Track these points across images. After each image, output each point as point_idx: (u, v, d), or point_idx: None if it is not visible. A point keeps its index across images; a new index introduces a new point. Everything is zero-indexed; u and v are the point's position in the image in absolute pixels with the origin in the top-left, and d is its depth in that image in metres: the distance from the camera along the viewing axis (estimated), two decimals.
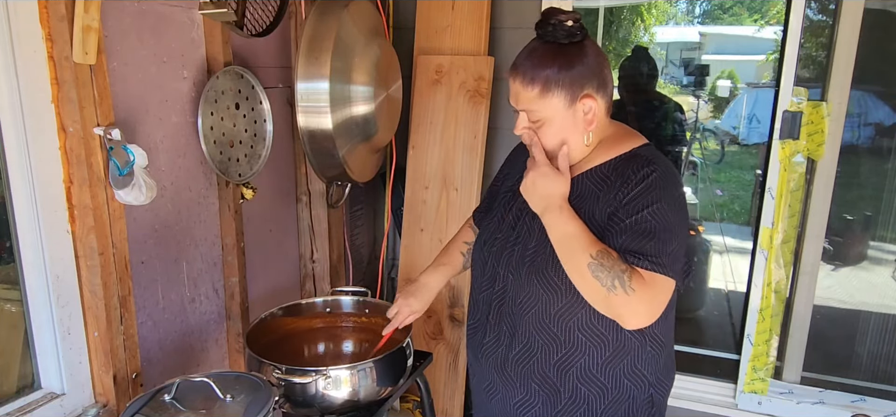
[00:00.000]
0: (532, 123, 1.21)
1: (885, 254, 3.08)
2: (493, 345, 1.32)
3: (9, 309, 1.50)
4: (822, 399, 2.44)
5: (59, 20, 1.34)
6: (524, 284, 1.24)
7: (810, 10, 2.48)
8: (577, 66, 1.15)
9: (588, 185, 1.22)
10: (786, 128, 2.24)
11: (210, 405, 1.23)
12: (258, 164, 1.98)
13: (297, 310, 1.82)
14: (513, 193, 1.36)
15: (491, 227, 1.38)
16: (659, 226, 1.12)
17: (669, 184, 1.16)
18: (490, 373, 1.34)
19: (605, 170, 1.22)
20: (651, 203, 1.13)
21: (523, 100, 1.19)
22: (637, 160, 1.19)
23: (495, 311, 1.31)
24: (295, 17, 2.17)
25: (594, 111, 1.18)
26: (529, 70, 1.16)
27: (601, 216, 1.18)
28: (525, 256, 1.24)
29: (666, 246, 1.12)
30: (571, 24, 1.15)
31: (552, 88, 1.15)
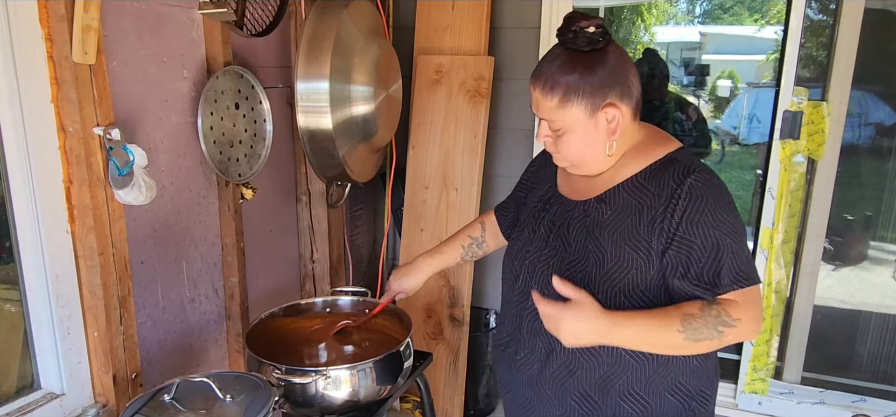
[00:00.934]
0: (553, 132, 1.17)
1: (886, 254, 3.08)
2: (528, 361, 1.27)
3: (8, 309, 1.49)
4: (822, 399, 2.44)
5: (59, 20, 1.34)
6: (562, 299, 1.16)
7: (811, 9, 2.48)
8: (599, 74, 1.10)
9: (626, 198, 1.17)
10: (786, 128, 2.24)
11: (210, 405, 1.22)
12: (258, 164, 1.98)
13: (297, 310, 1.82)
14: (543, 204, 1.32)
15: (522, 239, 1.33)
16: (725, 238, 1.09)
17: (715, 186, 1.12)
18: (526, 389, 1.29)
19: (642, 179, 1.17)
20: (707, 215, 1.09)
21: (544, 109, 1.16)
22: (675, 167, 1.14)
23: (529, 326, 1.26)
24: (295, 17, 2.17)
25: (618, 120, 1.14)
26: (549, 78, 1.13)
27: (646, 230, 1.13)
28: (562, 271, 1.19)
29: (740, 255, 1.09)
30: (593, 31, 1.10)
31: (572, 97, 1.11)
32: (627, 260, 1.14)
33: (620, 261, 1.14)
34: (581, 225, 1.21)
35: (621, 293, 1.14)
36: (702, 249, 1.09)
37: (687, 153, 1.20)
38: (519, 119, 2.61)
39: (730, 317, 1.08)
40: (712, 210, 1.09)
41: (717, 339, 1.09)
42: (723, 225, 1.09)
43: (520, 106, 2.60)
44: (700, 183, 1.11)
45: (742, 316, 1.08)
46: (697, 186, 1.10)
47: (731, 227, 1.10)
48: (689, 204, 1.09)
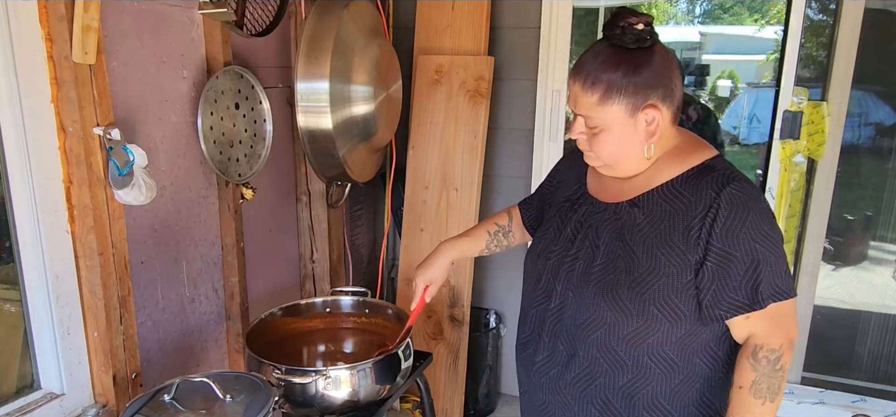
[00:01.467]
0: (589, 129, 1.13)
1: (886, 254, 3.08)
2: (547, 364, 1.24)
3: (8, 309, 1.49)
4: (822, 399, 2.44)
5: (59, 20, 1.34)
6: (588, 303, 1.15)
7: (811, 9, 2.48)
8: (643, 74, 1.07)
9: (661, 204, 1.13)
10: (786, 128, 2.24)
11: (210, 405, 1.22)
12: (258, 164, 1.98)
13: (296, 310, 1.81)
14: (570, 204, 1.29)
15: (546, 238, 1.29)
16: (765, 251, 1.06)
17: (754, 197, 1.08)
18: (543, 393, 1.26)
19: (678, 185, 1.13)
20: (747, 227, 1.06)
21: (582, 105, 1.11)
22: (713, 175, 1.10)
23: (551, 328, 1.23)
24: (295, 17, 2.17)
25: (658, 122, 1.10)
26: (591, 73, 1.08)
27: (681, 238, 1.09)
28: (590, 274, 1.16)
29: (779, 268, 1.07)
30: (642, 28, 1.06)
31: (613, 95, 1.08)
32: (660, 267, 1.10)
33: (653, 269, 1.11)
34: (611, 228, 1.17)
35: (651, 301, 1.11)
36: (741, 262, 1.06)
37: (724, 161, 1.16)
38: (519, 119, 2.61)
39: (773, 350, 1.08)
40: (753, 221, 1.06)
41: (782, 373, 1.09)
42: (762, 238, 1.06)
43: (520, 106, 2.60)
44: (739, 192, 1.07)
45: (782, 340, 1.08)
46: (737, 196, 1.06)
47: (770, 239, 1.06)
48: (729, 214, 1.06)
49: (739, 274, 1.06)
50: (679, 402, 1.16)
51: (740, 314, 1.07)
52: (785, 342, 1.08)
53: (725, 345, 1.15)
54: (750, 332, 1.10)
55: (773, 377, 1.08)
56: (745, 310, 1.07)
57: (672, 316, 1.10)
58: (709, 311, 1.09)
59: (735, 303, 1.07)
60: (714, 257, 1.07)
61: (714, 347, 1.14)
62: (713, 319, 1.10)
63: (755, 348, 1.08)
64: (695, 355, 1.13)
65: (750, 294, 1.06)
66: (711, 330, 1.12)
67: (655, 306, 1.10)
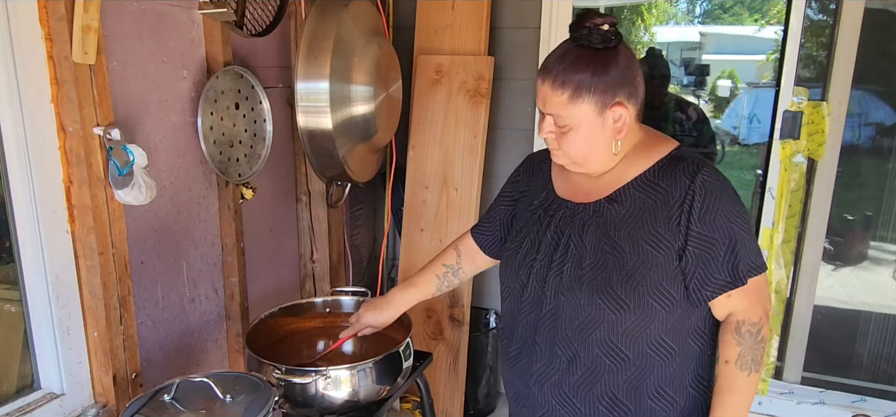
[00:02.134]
0: (558, 128, 1.16)
1: (886, 254, 3.08)
2: (546, 371, 1.24)
3: (8, 309, 1.49)
4: (822, 399, 2.43)
5: (59, 20, 1.34)
6: (584, 304, 1.17)
7: (811, 9, 2.48)
8: (610, 73, 1.10)
9: (638, 196, 1.17)
10: (786, 128, 2.23)
11: (210, 405, 1.22)
12: (258, 164, 1.98)
13: (296, 310, 1.81)
14: (544, 211, 1.30)
15: (524, 248, 1.29)
16: (739, 230, 1.12)
17: (723, 181, 1.15)
18: (547, 401, 1.26)
19: (652, 176, 1.17)
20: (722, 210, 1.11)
21: (551, 105, 1.14)
22: (683, 164, 1.15)
23: (545, 335, 1.23)
24: (295, 17, 2.17)
25: (624, 119, 1.14)
26: (560, 74, 1.11)
27: (664, 227, 1.13)
28: (581, 275, 1.18)
29: (751, 245, 1.13)
30: (607, 29, 1.10)
31: (583, 95, 1.10)
32: (649, 258, 1.14)
33: (643, 260, 1.14)
34: (594, 226, 1.19)
35: (646, 292, 1.14)
36: (720, 243, 1.11)
37: (689, 150, 1.21)
38: (519, 119, 2.61)
39: (754, 323, 1.14)
40: (726, 204, 1.12)
41: (763, 344, 1.15)
42: (737, 219, 1.12)
43: (520, 106, 2.60)
44: (711, 178, 1.13)
45: (760, 312, 1.15)
46: (709, 182, 1.12)
47: (743, 219, 1.13)
48: (704, 199, 1.11)
49: (720, 255, 1.11)
50: (680, 386, 1.20)
51: (724, 292, 1.13)
52: (763, 314, 1.16)
53: (711, 323, 1.21)
54: (730, 309, 1.16)
55: (755, 348, 1.14)
56: (728, 288, 1.13)
57: (667, 303, 1.15)
58: (696, 293, 1.14)
59: (719, 283, 1.13)
60: (695, 241, 1.12)
61: (701, 326, 1.20)
62: (701, 301, 1.15)
63: (738, 323, 1.15)
64: (689, 337, 1.19)
65: (731, 272, 1.12)
66: (700, 313, 1.18)
67: (650, 296, 1.14)
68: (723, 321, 1.18)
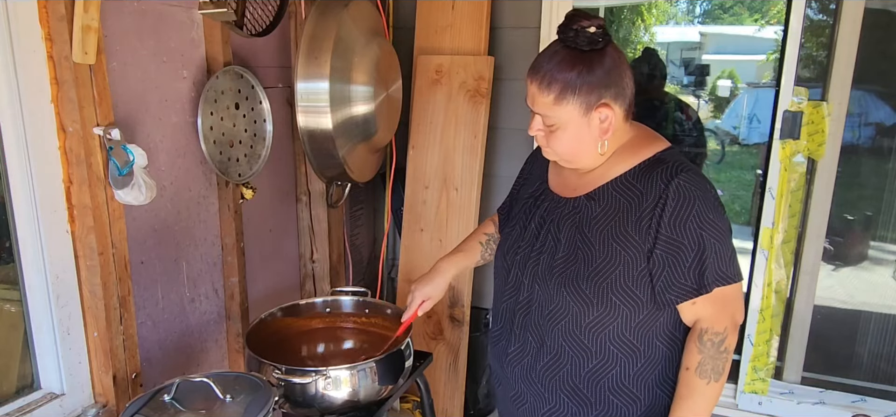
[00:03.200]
0: (546, 127, 1.19)
1: (886, 254, 3.08)
2: (519, 355, 1.30)
3: (8, 309, 1.49)
4: (822, 399, 2.43)
5: (59, 20, 1.34)
6: (553, 295, 1.22)
7: (811, 9, 2.48)
8: (596, 74, 1.12)
9: (615, 196, 1.19)
10: (786, 128, 2.23)
11: (210, 405, 1.23)
12: (258, 164, 1.98)
13: (296, 310, 1.82)
14: (534, 200, 1.34)
15: (513, 235, 1.35)
16: (711, 238, 1.12)
17: (702, 187, 1.14)
18: (517, 383, 1.32)
19: (630, 177, 1.19)
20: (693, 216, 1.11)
21: (539, 104, 1.17)
22: (663, 167, 1.16)
23: (520, 321, 1.29)
24: (295, 17, 2.17)
25: (610, 120, 1.16)
26: (548, 74, 1.14)
27: (634, 228, 1.15)
28: (553, 266, 1.22)
29: (723, 255, 1.13)
30: (594, 31, 1.12)
31: (568, 95, 1.13)
32: (615, 256, 1.16)
33: (608, 258, 1.17)
34: (571, 221, 1.23)
35: (610, 289, 1.16)
36: (688, 249, 1.12)
37: (675, 153, 1.22)
38: (519, 119, 2.61)
39: (718, 333, 1.15)
40: (699, 210, 1.12)
41: (726, 355, 1.16)
42: (709, 226, 1.12)
43: (520, 106, 2.60)
44: (687, 183, 1.13)
45: (726, 323, 1.16)
46: (684, 187, 1.12)
47: (716, 228, 1.13)
48: (676, 204, 1.12)
49: (687, 261, 1.12)
50: (643, 384, 1.23)
51: (689, 298, 1.14)
52: (729, 325, 1.16)
53: (683, 328, 1.22)
54: (697, 316, 1.17)
55: (717, 358, 1.15)
56: (692, 295, 1.14)
57: (630, 302, 1.17)
58: (661, 296, 1.16)
59: (684, 288, 1.14)
60: (663, 244, 1.13)
61: (672, 330, 1.21)
62: (666, 304, 1.17)
63: (701, 331, 1.16)
64: (655, 338, 1.21)
65: (697, 278, 1.13)
66: (669, 315, 1.19)
67: (614, 293, 1.16)
68: (691, 327, 1.19)
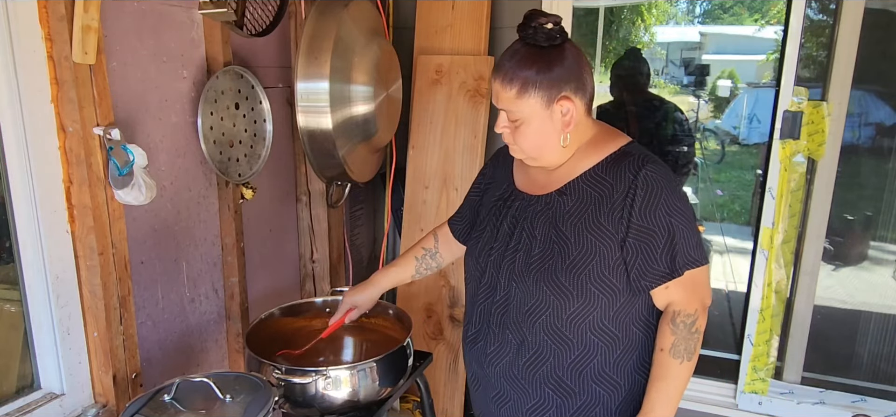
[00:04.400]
0: (511, 122, 1.23)
1: (886, 254, 3.07)
2: (499, 354, 1.31)
3: (8, 309, 1.49)
4: (822, 399, 2.43)
5: (59, 20, 1.34)
6: (532, 291, 1.24)
7: (811, 9, 2.48)
8: (555, 69, 1.17)
9: (585, 189, 1.24)
10: (786, 128, 2.24)
11: (210, 405, 1.23)
12: (258, 164, 1.98)
13: (296, 310, 1.82)
14: (503, 202, 1.38)
15: (484, 237, 1.38)
16: (678, 224, 1.17)
17: (667, 176, 1.20)
18: (498, 382, 1.34)
19: (599, 171, 1.24)
20: (662, 203, 1.17)
21: (502, 100, 1.22)
22: (629, 159, 1.21)
23: (498, 320, 1.31)
24: (295, 17, 2.17)
25: (572, 113, 1.20)
26: (509, 71, 1.19)
27: (606, 218, 1.20)
28: (530, 263, 1.25)
29: (691, 239, 1.19)
30: (551, 28, 1.17)
31: (529, 89, 1.18)
32: (590, 248, 1.20)
33: (583, 250, 1.20)
34: (544, 217, 1.26)
35: (588, 280, 1.20)
36: (659, 235, 1.17)
37: (638, 146, 1.27)
38: None
39: (689, 315, 1.21)
40: (666, 198, 1.17)
41: (697, 336, 1.22)
42: (676, 212, 1.18)
43: None
44: (654, 173, 1.18)
45: (697, 305, 1.21)
46: (652, 176, 1.18)
47: (682, 213, 1.19)
48: (646, 193, 1.17)
49: (658, 246, 1.18)
50: (623, 370, 1.27)
51: (662, 283, 1.20)
52: (699, 307, 1.22)
53: (655, 312, 1.27)
54: (669, 300, 1.22)
55: (689, 339, 1.21)
56: (666, 279, 1.19)
57: (608, 291, 1.21)
58: (636, 283, 1.21)
59: (657, 273, 1.19)
60: (635, 233, 1.18)
61: (646, 315, 1.26)
62: (641, 289, 1.21)
63: (674, 313, 1.21)
64: (632, 324, 1.25)
65: (668, 263, 1.18)
66: (643, 301, 1.24)
67: (592, 284, 1.20)
68: (663, 311, 1.24)
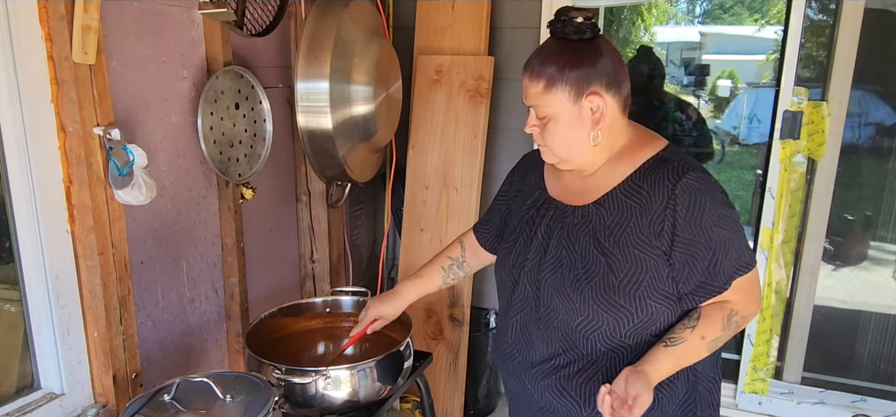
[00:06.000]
0: (539, 120, 1.19)
1: (886, 255, 3.07)
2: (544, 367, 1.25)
3: (8, 309, 1.49)
4: (822, 399, 2.44)
5: (59, 20, 1.34)
6: (580, 307, 1.18)
7: (811, 9, 2.48)
8: (585, 63, 1.12)
9: (624, 200, 1.18)
10: (786, 128, 2.24)
11: (210, 405, 1.22)
12: (258, 164, 1.98)
13: (296, 310, 1.81)
14: (536, 209, 1.31)
15: (517, 247, 1.31)
16: (727, 233, 1.12)
17: (710, 183, 1.14)
18: (544, 396, 1.26)
19: (636, 179, 1.18)
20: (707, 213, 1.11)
21: (530, 96, 1.18)
22: (667, 167, 1.15)
23: (541, 334, 1.25)
24: (295, 17, 2.17)
25: (602, 110, 1.15)
26: (537, 66, 1.15)
27: (648, 230, 1.14)
28: (577, 279, 1.18)
29: (740, 245, 1.14)
30: (581, 21, 1.13)
31: (557, 83, 1.13)
32: (639, 263, 1.14)
33: (633, 266, 1.14)
34: (584, 231, 1.20)
35: (646, 296, 1.14)
36: (705, 247, 1.12)
37: (677, 150, 1.21)
38: (519, 119, 2.61)
39: (744, 316, 1.17)
40: (711, 207, 1.12)
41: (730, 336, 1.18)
42: (723, 221, 1.12)
43: (520, 106, 2.60)
44: (695, 181, 1.12)
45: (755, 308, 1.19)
46: (693, 185, 1.12)
47: (730, 221, 1.13)
48: (689, 204, 1.11)
49: (707, 258, 1.13)
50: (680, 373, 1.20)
51: (714, 296, 1.15)
52: (755, 310, 1.20)
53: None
54: (726, 298, 1.17)
55: (730, 336, 1.18)
56: (718, 291, 1.15)
57: (668, 301, 1.16)
58: (688, 298, 1.16)
59: (708, 287, 1.14)
60: (681, 246, 1.13)
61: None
62: (693, 304, 1.17)
63: (732, 312, 1.16)
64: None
65: (719, 275, 1.14)
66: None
67: (651, 299, 1.15)
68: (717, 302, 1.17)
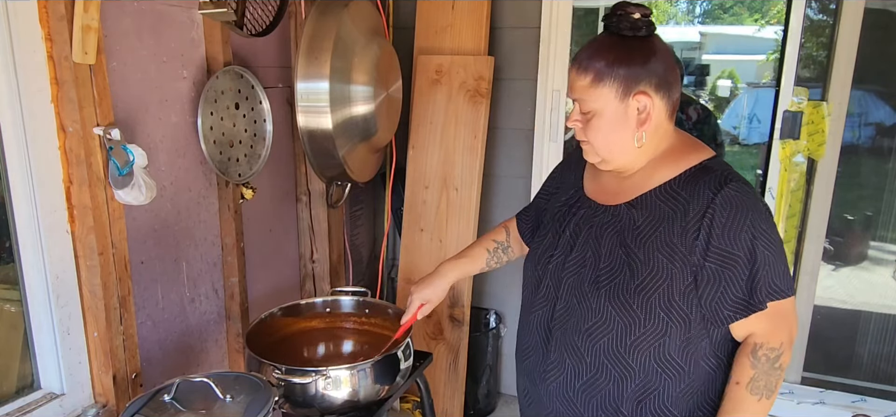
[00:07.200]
0: (582, 115, 1.14)
1: (886, 254, 3.08)
2: (554, 372, 1.22)
3: (8, 309, 1.49)
4: (822, 399, 2.44)
5: (59, 20, 1.34)
6: (595, 308, 1.15)
7: (811, 9, 2.48)
8: (635, 60, 1.08)
9: (659, 205, 1.13)
10: (786, 128, 2.24)
11: (210, 405, 1.22)
12: (258, 164, 1.98)
13: (296, 310, 1.81)
14: (568, 207, 1.28)
15: (545, 243, 1.29)
16: (764, 250, 1.06)
17: (751, 197, 1.08)
18: (552, 402, 1.24)
19: (675, 185, 1.13)
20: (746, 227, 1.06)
21: (576, 89, 1.13)
22: (710, 176, 1.10)
23: (556, 336, 1.21)
24: (295, 17, 2.17)
25: (649, 111, 1.10)
26: (585, 59, 1.11)
27: (679, 239, 1.09)
28: (598, 279, 1.15)
29: (777, 267, 1.07)
30: (637, 17, 1.09)
31: (604, 79, 1.09)
32: (661, 269, 1.10)
33: (653, 271, 1.10)
34: (612, 231, 1.17)
35: (657, 304, 1.10)
36: (741, 262, 1.06)
37: (721, 161, 1.16)
38: (519, 119, 2.61)
39: (773, 348, 1.09)
40: (752, 221, 1.06)
41: (780, 372, 1.10)
42: (762, 237, 1.06)
43: (520, 106, 2.60)
44: (737, 193, 1.07)
45: (782, 338, 1.09)
46: (734, 196, 1.07)
47: (769, 239, 1.07)
48: (728, 215, 1.06)
49: (740, 274, 1.06)
50: (686, 406, 1.15)
51: (744, 315, 1.07)
52: (786, 340, 1.09)
53: (728, 346, 1.14)
54: (750, 331, 1.10)
55: (771, 375, 1.08)
56: (745, 311, 1.07)
57: (677, 318, 1.10)
58: (712, 314, 1.09)
59: (737, 303, 1.07)
60: (714, 258, 1.07)
61: (717, 348, 1.14)
62: (717, 322, 1.10)
63: (755, 346, 1.09)
64: (701, 359, 1.13)
65: (750, 293, 1.06)
66: (719, 333, 1.12)
67: (661, 309, 1.10)
68: (741, 341, 1.12)
